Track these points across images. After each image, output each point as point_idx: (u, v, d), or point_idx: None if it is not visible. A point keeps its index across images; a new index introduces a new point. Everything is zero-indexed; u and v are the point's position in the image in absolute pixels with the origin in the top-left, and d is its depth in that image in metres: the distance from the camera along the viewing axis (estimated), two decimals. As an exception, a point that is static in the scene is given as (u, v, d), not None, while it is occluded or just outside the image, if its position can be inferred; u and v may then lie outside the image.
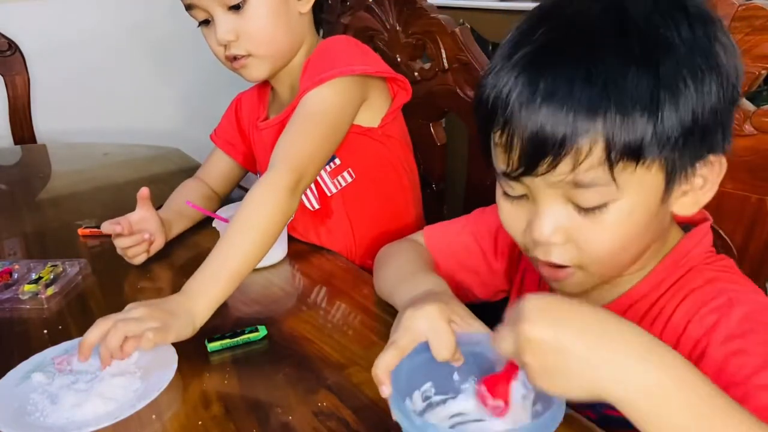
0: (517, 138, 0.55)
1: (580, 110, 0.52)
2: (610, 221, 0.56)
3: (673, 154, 0.55)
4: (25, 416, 0.64)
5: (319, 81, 0.92)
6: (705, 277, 0.62)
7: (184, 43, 2.18)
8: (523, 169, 0.56)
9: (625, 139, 0.52)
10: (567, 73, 0.53)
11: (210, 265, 0.77)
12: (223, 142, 1.18)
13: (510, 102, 0.55)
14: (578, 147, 0.53)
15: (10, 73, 1.90)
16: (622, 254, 0.60)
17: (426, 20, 1.15)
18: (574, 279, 0.61)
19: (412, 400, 0.56)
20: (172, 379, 0.67)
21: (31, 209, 1.29)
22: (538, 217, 0.58)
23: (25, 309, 0.86)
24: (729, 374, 0.55)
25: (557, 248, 0.59)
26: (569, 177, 0.54)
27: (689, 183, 0.58)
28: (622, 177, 0.54)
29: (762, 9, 0.71)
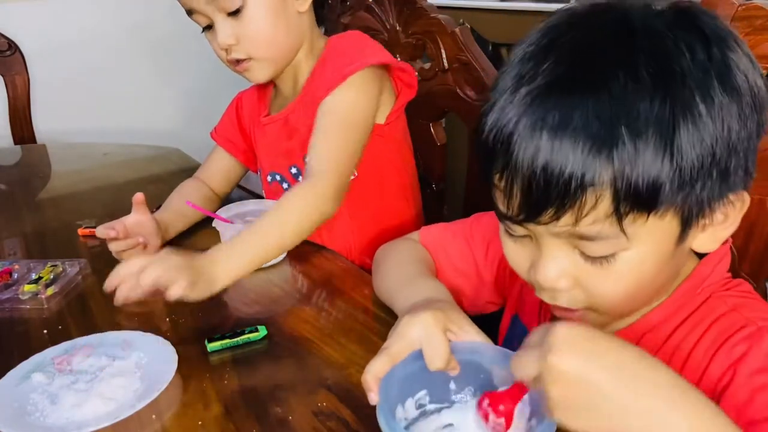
0: (517, 185, 0.51)
1: (587, 147, 0.48)
2: (620, 270, 0.53)
3: (689, 199, 0.50)
4: (25, 416, 0.64)
5: (342, 77, 0.94)
6: (727, 304, 0.59)
7: (184, 43, 2.18)
8: (524, 216, 0.53)
9: (636, 184, 0.48)
10: (574, 110, 0.48)
11: (242, 241, 0.81)
12: (224, 140, 1.18)
13: (512, 142, 0.51)
14: (584, 196, 0.49)
15: (10, 73, 1.90)
16: (635, 299, 0.58)
17: (426, 20, 1.15)
18: (587, 319, 0.59)
19: (405, 408, 0.56)
20: (172, 379, 0.67)
21: (31, 209, 1.29)
22: (542, 262, 0.55)
23: (25, 309, 0.86)
24: (754, 410, 0.52)
25: (564, 294, 0.56)
26: (573, 228, 0.50)
27: (708, 218, 0.54)
28: (631, 228, 0.50)
29: (762, 9, 0.71)
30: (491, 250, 0.80)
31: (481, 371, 0.56)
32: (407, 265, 0.79)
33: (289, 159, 1.08)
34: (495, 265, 0.80)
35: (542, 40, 0.53)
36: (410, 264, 0.79)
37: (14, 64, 1.89)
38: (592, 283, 0.54)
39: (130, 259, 0.72)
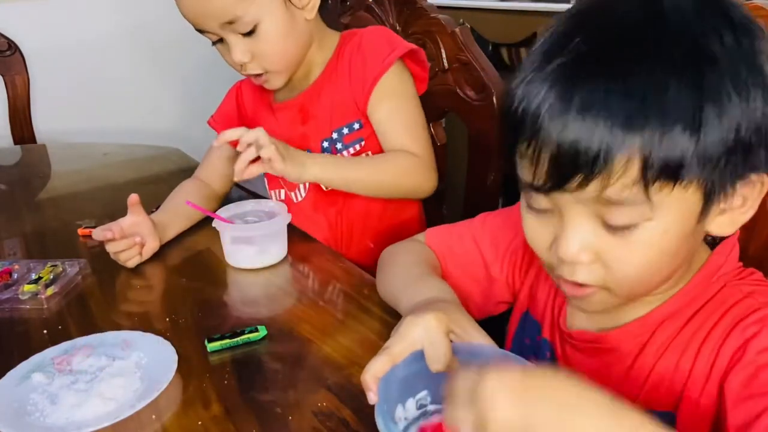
0: (545, 152, 0.51)
1: (617, 125, 0.48)
2: (642, 242, 0.53)
3: (714, 174, 0.51)
4: (25, 416, 0.64)
5: (386, 66, 1.01)
6: (743, 291, 0.59)
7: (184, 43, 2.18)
8: (551, 184, 0.52)
9: (664, 157, 0.48)
10: (604, 86, 0.49)
11: (339, 162, 0.98)
12: (223, 127, 1.18)
13: (540, 114, 0.51)
14: (613, 164, 0.49)
15: (10, 73, 1.90)
16: (652, 277, 0.57)
17: (426, 20, 1.15)
18: (597, 298, 0.59)
19: (405, 408, 0.56)
20: (172, 379, 0.67)
21: (31, 209, 1.29)
22: (564, 234, 0.55)
23: (25, 309, 0.86)
24: (757, 385, 0.53)
25: (584, 268, 0.56)
26: (601, 194, 0.51)
27: (727, 202, 0.55)
28: (657, 197, 0.50)
29: (762, 9, 0.71)
30: (501, 247, 0.79)
31: None
32: (412, 266, 0.78)
33: (302, 142, 1.09)
34: (505, 262, 0.79)
35: (572, 19, 0.54)
36: (415, 265, 0.78)
37: (14, 64, 1.89)
38: (613, 255, 0.54)
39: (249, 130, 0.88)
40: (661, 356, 0.61)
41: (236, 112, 1.19)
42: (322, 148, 1.07)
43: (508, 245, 0.78)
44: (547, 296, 0.74)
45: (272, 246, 0.96)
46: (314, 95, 1.07)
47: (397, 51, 1.02)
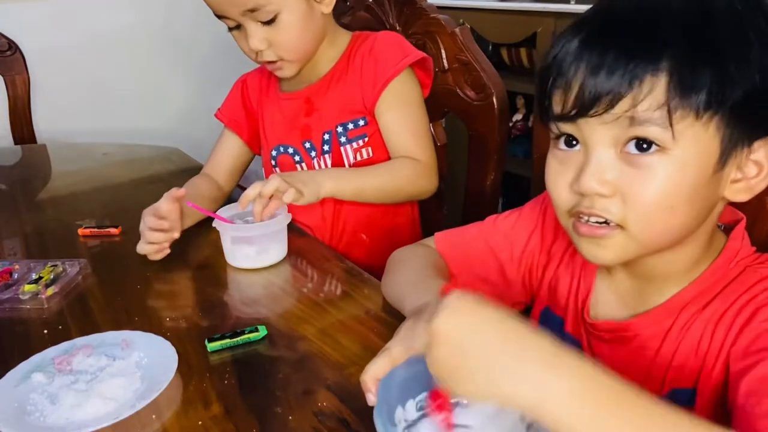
0: (579, 76, 0.55)
1: (647, 50, 0.52)
2: (661, 172, 0.54)
3: (733, 119, 0.53)
4: (24, 416, 0.64)
5: (398, 71, 1.04)
6: (761, 274, 0.60)
7: (184, 43, 2.19)
8: (581, 107, 0.55)
9: (688, 86, 0.52)
10: (638, 26, 0.54)
11: (346, 171, 1.03)
12: (229, 120, 1.20)
13: (574, 45, 0.56)
14: (640, 85, 0.52)
15: (10, 73, 1.90)
16: (668, 214, 0.56)
17: (426, 20, 1.15)
18: (614, 241, 0.58)
19: (405, 409, 0.56)
20: (172, 379, 0.67)
21: (31, 209, 1.29)
22: (587, 165, 0.56)
23: (25, 309, 0.86)
24: (758, 345, 0.54)
25: (602, 200, 0.56)
26: (627, 114, 0.53)
27: (742, 170, 0.57)
28: (679, 126, 0.53)
29: (762, 9, 0.71)
30: (516, 248, 0.79)
31: None
32: (419, 269, 0.77)
33: (304, 134, 1.12)
34: (521, 262, 0.79)
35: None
36: (422, 269, 0.77)
37: (14, 64, 1.89)
38: (632, 187, 0.55)
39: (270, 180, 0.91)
40: (683, 339, 0.62)
41: (241, 104, 1.20)
42: (323, 140, 1.10)
43: (524, 246, 0.78)
44: (569, 290, 0.73)
45: (272, 246, 0.96)
46: (321, 89, 1.10)
47: (409, 57, 1.05)
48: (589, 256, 0.61)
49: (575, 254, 0.72)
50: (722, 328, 0.59)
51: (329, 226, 1.12)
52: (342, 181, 0.99)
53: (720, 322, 0.60)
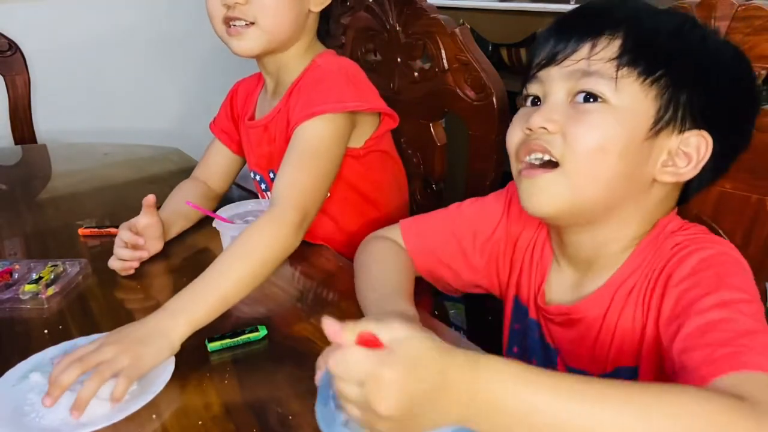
0: (555, 39, 0.66)
1: (608, 19, 0.64)
2: (599, 118, 0.63)
3: (670, 93, 0.63)
4: (21, 417, 0.64)
5: (312, 114, 0.92)
6: (675, 242, 0.65)
7: (184, 43, 2.19)
8: (548, 59, 0.66)
9: (639, 48, 0.62)
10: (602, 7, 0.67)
11: (197, 286, 0.75)
12: (219, 131, 1.19)
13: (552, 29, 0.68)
14: (598, 39, 0.63)
15: (10, 73, 1.89)
16: (600, 159, 0.63)
17: (426, 20, 1.15)
18: (552, 179, 0.64)
19: None
20: (172, 380, 0.67)
21: (31, 209, 1.29)
22: (541, 107, 0.66)
23: (26, 309, 0.86)
24: (679, 308, 0.58)
25: (546, 135, 0.64)
26: (583, 65, 0.64)
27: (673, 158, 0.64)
28: (622, 82, 0.62)
29: (762, 9, 0.71)
30: (480, 237, 0.83)
31: None
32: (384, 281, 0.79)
33: (269, 163, 1.08)
34: (485, 250, 0.83)
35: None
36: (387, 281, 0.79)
37: (14, 64, 1.89)
38: (572, 127, 0.63)
39: (68, 368, 0.64)
40: (620, 318, 0.67)
41: (231, 116, 1.18)
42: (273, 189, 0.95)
43: (489, 235, 0.83)
44: (529, 280, 0.78)
45: (272, 246, 0.95)
46: (276, 119, 1.04)
47: (328, 106, 0.93)
48: (527, 203, 0.67)
49: (536, 247, 0.78)
50: (646, 303, 0.64)
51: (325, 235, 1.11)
52: (197, 305, 0.73)
53: (644, 297, 0.65)
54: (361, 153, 1.05)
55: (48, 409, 0.64)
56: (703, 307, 0.56)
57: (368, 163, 1.07)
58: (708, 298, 0.56)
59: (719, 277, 0.59)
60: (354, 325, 0.46)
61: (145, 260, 0.96)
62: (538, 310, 0.77)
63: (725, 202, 0.77)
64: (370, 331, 0.45)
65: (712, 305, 0.56)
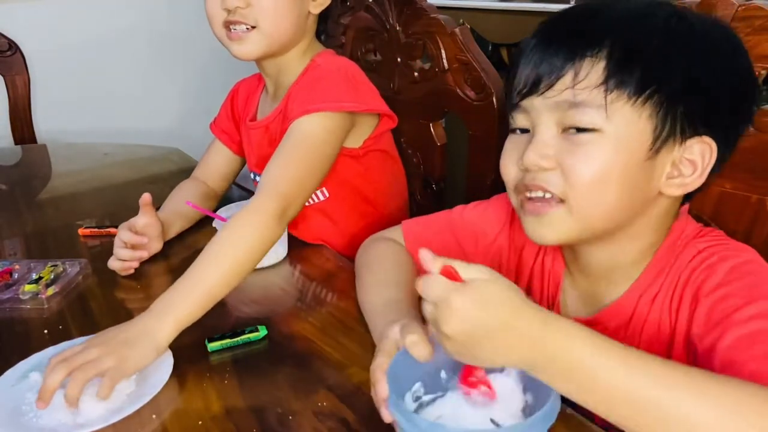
0: (530, 63, 0.62)
1: (590, 36, 0.59)
2: (595, 149, 0.59)
3: (664, 111, 0.59)
4: (19, 416, 0.64)
5: (308, 110, 0.92)
6: (697, 248, 0.64)
7: (184, 43, 2.19)
8: (529, 88, 0.62)
9: (624, 69, 0.58)
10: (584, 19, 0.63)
11: (182, 284, 0.74)
12: (219, 131, 1.19)
13: (532, 42, 0.63)
14: (580, 65, 0.59)
15: (10, 73, 1.90)
16: (603, 190, 0.61)
17: (426, 20, 1.15)
18: (555, 217, 0.62)
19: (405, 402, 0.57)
20: (172, 380, 0.67)
21: (31, 209, 1.29)
22: (532, 142, 0.62)
23: (26, 309, 0.86)
24: (714, 319, 0.57)
25: (544, 173, 0.62)
26: (568, 96, 0.59)
27: (678, 167, 0.61)
28: (612, 107, 0.58)
29: (762, 9, 0.71)
30: (481, 241, 0.82)
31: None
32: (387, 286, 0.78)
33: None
34: (488, 258, 0.82)
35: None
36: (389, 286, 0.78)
37: (14, 64, 1.89)
38: (569, 162, 0.60)
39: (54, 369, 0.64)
40: (644, 327, 0.66)
41: (231, 116, 1.18)
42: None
43: (492, 241, 0.82)
44: (542, 290, 0.76)
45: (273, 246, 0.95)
46: (277, 119, 1.04)
47: (326, 104, 0.93)
48: (534, 236, 0.66)
49: (546, 257, 0.76)
50: (673, 310, 0.63)
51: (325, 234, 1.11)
52: (183, 305, 0.72)
53: (671, 304, 0.64)
54: (360, 153, 1.05)
55: (46, 409, 0.64)
56: (743, 317, 0.55)
57: (367, 162, 1.06)
58: (746, 309, 0.55)
59: (753, 286, 0.58)
60: (443, 259, 0.51)
61: (145, 260, 0.96)
62: None
63: (725, 202, 0.77)
64: (454, 267, 0.50)
65: (752, 315, 0.55)
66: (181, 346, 0.72)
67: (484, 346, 0.49)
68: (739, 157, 0.74)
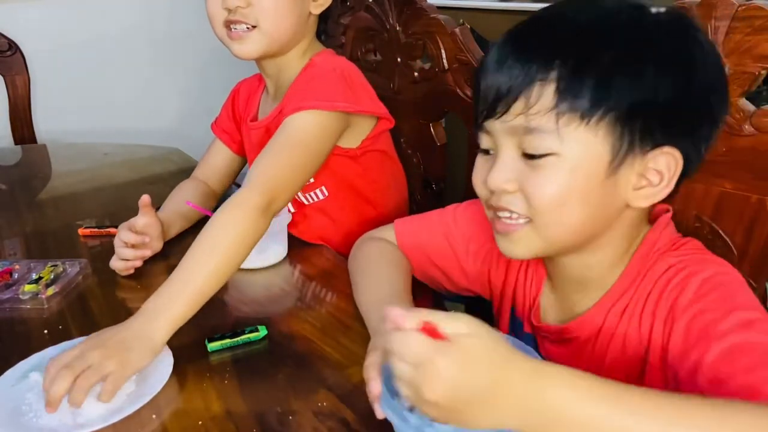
0: (488, 88, 0.61)
1: (538, 62, 0.58)
2: (551, 173, 0.59)
3: (620, 127, 0.58)
4: (19, 416, 0.64)
5: (300, 108, 0.92)
6: (669, 262, 0.64)
7: (184, 43, 2.19)
8: (488, 111, 0.61)
9: (572, 91, 0.57)
10: (537, 39, 0.61)
11: (172, 284, 0.74)
12: (220, 131, 1.19)
13: (487, 63, 0.63)
14: (531, 91, 0.58)
15: (10, 73, 1.90)
16: (563, 212, 0.61)
17: (426, 20, 1.15)
18: (523, 234, 0.63)
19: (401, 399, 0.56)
20: (172, 380, 0.67)
21: (31, 209, 1.29)
22: (495, 166, 0.62)
23: (26, 309, 0.86)
24: (693, 336, 0.57)
25: (508, 196, 0.62)
26: (522, 121, 0.59)
27: (646, 177, 0.61)
28: (566, 130, 0.58)
29: (762, 9, 0.71)
30: (473, 244, 0.83)
31: None
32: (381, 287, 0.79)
33: None
34: (479, 260, 0.83)
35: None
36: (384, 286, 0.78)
37: (14, 64, 1.89)
38: (530, 185, 0.60)
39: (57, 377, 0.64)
40: (611, 339, 0.66)
41: (232, 116, 1.19)
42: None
43: (481, 245, 0.82)
44: (524, 295, 0.77)
45: (272, 246, 0.96)
46: (276, 119, 1.02)
47: (319, 103, 0.93)
48: (505, 251, 0.66)
49: (530, 264, 0.77)
50: (645, 325, 0.63)
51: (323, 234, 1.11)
52: (175, 305, 0.72)
53: (641, 319, 0.63)
54: (357, 153, 1.05)
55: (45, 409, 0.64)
56: (721, 331, 0.55)
57: (365, 163, 1.07)
58: (723, 323, 0.55)
59: (726, 298, 0.58)
60: (419, 313, 0.47)
61: (145, 260, 0.96)
62: (532, 326, 0.76)
63: (725, 202, 0.77)
64: (435, 322, 0.46)
65: (730, 328, 0.55)
66: (181, 346, 0.72)
67: (474, 408, 0.45)
68: (739, 157, 0.74)
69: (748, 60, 0.72)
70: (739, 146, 0.74)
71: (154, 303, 0.72)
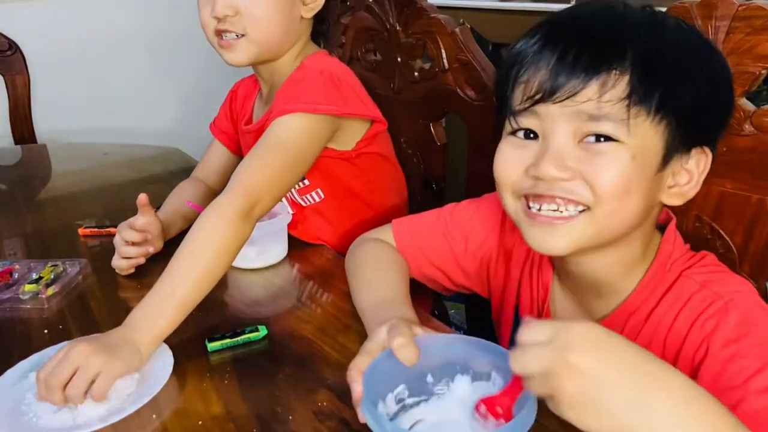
0: (541, 68, 0.59)
1: (613, 47, 0.57)
2: (616, 159, 0.58)
3: (677, 125, 0.59)
4: (18, 416, 0.64)
5: (285, 111, 0.91)
6: (697, 282, 0.64)
7: (184, 43, 2.19)
8: (543, 94, 0.59)
9: (648, 84, 0.57)
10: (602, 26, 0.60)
11: (156, 295, 0.73)
12: (218, 132, 1.20)
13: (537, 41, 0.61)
14: (607, 78, 0.57)
15: (10, 73, 1.89)
16: (627, 198, 0.59)
17: (426, 20, 1.15)
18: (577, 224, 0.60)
19: (386, 403, 0.57)
20: (172, 380, 0.68)
21: (31, 209, 1.29)
22: (547, 152, 0.59)
23: (26, 309, 0.86)
24: (726, 379, 0.56)
25: (566, 184, 0.59)
26: (591, 107, 0.57)
27: (675, 177, 0.62)
28: (635, 121, 0.57)
29: (762, 9, 0.71)
30: (471, 243, 0.83)
31: (456, 362, 0.58)
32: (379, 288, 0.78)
33: None
34: (477, 258, 0.83)
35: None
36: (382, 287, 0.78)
37: (14, 64, 1.89)
38: (592, 171, 0.58)
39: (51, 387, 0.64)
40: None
41: (229, 116, 1.19)
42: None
43: (481, 242, 0.82)
44: (531, 296, 0.77)
45: (272, 246, 0.96)
46: (267, 122, 1.00)
47: (305, 105, 0.92)
48: (539, 245, 0.63)
49: (534, 263, 0.76)
50: (672, 350, 0.62)
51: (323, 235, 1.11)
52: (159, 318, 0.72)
53: (667, 340, 0.63)
54: (352, 155, 1.04)
55: (44, 409, 0.65)
56: (758, 387, 0.55)
57: (362, 164, 1.06)
58: (760, 377, 0.55)
59: (763, 344, 0.57)
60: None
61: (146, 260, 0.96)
62: None
63: (725, 202, 0.77)
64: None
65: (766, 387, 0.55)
66: (181, 346, 0.73)
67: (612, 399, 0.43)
68: (739, 157, 0.74)
69: (748, 60, 0.72)
70: (739, 146, 0.74)
71: (137, 316, 0.72)
